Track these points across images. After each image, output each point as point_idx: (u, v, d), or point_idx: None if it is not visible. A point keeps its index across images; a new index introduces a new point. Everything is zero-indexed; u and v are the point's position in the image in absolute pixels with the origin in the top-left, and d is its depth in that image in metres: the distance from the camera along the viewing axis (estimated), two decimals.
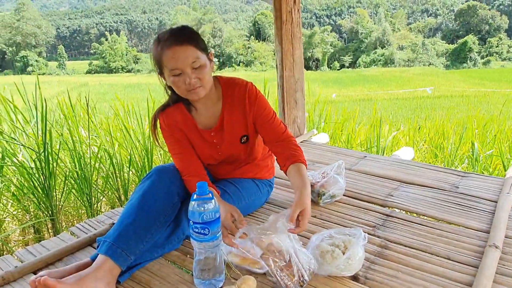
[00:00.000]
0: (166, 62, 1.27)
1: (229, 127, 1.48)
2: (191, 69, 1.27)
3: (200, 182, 1.06)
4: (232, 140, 1.50)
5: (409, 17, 69.48)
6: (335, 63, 45.92)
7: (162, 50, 1.27)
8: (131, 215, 1.24)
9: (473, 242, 1.41)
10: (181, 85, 1.29)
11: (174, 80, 1.30)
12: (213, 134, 1.49)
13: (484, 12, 50.37)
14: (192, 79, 1.28)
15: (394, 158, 2.42)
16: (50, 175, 2.34)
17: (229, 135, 1.49)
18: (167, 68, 1.29)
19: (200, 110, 1.47)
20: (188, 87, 1.29)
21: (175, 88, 1.33)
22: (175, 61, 1.26)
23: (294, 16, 2.63)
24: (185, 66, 1.26)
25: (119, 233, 1.20)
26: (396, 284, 1.18)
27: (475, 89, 21.00)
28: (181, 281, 1.22)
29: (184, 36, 1.28)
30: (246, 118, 1.48)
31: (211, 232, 1.07)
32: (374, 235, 1.47)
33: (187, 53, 1.26)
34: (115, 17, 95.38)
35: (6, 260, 1.38)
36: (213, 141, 1.50)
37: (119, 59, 49.37)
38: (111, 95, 17.51)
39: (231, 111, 1.47)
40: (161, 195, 1.31)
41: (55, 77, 38.49)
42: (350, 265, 1.20)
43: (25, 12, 56.68)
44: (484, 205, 1.71)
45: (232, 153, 1.53)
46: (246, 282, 1.13)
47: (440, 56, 44.92)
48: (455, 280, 1.20)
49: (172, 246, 1.38)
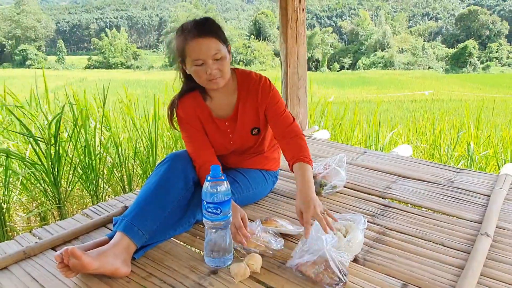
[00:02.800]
0: (189, 52, 1.34)
1: (242, 118, 1.55)
2: (213, 60, 1.35)
3: (213, 165, 1.14)
4: (244, 131, 1.57)
5: (410, 20, 69.64)
6: (335, 64, 45.99)
7: (186, 40, 1.34)
8: (148, 196, 1.33)
9: (466, 231, 1.50)
10: (203, 74, 1.36)
11: (196, 69, 1.37)
12: (227, 123, 1.56)
13: (484, 17, 50.55)
14: (213, 70, 1.35)
15: (392, 154, 2.51)
16: (59, 165, 2.41)
17: (241, 125, 1.56)
18: (190, 58, 1.35)
19: (215, 100, 1.55)
20: (209, 77, 1.36)
21: (196, 77, 1.40)
22: (198, 52, 1.33)
23: (299, 15, 2.71)
24: (207, 57, 1.33)
25: (136, 213, 1.28)
26: (393, 266, 1.27)
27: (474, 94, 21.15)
28: (192, 259, 1.30)
29: (207, 29, 1.35)
30: (258, 110, 1.55)
31: (223, 212, 1.15)
32: (373, 223, 1.56)
33: (209, 45, 1.33)
34: (115, 12, 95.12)
35: (25, 237, 1.46)
36: (227, 130, 1.57)
37: (118, 55, 49.29)
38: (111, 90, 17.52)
39: (245, 103, 1.54)
40: (177, 179, 1.40)
41: (54, 71, 38.40)
42: (350, 247, 1.28)
43: (26, 6, 56.48)
44: (478, 199, 1.79)
45: (243, 143, 1.61)
46: (252, 259, 1.21)
47: (440, 60, 45.06)
48: (448, 263, 1.28)
49: (182, 229, 1.46)
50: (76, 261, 1.11)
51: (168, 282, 1.18)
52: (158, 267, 1.26)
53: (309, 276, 1.17)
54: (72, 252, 1.09)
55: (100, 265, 1.15)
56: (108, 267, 1.17)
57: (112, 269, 1.17)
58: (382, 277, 1.21)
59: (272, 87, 1.55)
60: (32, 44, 52.91)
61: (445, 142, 3.84)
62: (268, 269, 1.24)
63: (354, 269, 1.25)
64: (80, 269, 1.13)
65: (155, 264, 1.28)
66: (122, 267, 1.20)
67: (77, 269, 1.14)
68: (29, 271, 1.26)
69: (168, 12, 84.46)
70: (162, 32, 61.68)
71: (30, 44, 51.64)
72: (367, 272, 1.24)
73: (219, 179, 1.15)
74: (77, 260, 1.10)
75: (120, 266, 1.19)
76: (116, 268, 1.18)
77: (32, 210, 2.53)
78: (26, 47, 48.49)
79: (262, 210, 1.69)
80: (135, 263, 1.28)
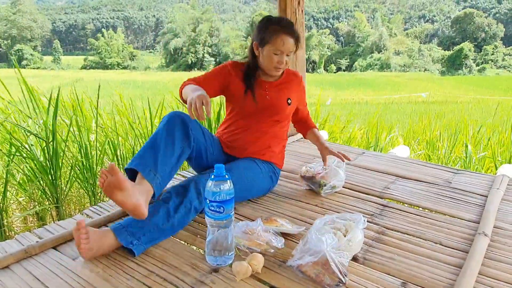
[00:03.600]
0: (276, 41, 1.67)
1: (283, 86, 1.85)
2: (286, 55, 1.71)
3: (217, 164, 1.16)
4: (281, 95, 1.83)
5: (406, 22, 69.98)
6: (331, 66, 46.14)
7: (278, 32, 1.67)
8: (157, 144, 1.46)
9: (464, 230, 1.52)
10: (275, 61, 1.71)
11: (272, 56, 1.70)
12: (268, 86, 1.82)
13: (480, 20, 50.91)
14: (284, 61, 1.71)
15: (391, 155, 2.53)
16: (57, 163, 2.41)
17: (280, 91, 1.84)
18: (273, 46, 1.68)
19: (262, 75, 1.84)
20: (277, 65, 1.71)
21: (268, 60, 1.72)
22: (283, 46, 1.67)
23: (298, 16, 2.73)
24: (286, 51, 1.69)
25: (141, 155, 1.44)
26: (392, 265, 1.28)
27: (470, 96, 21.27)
28: (193, 257, 1.31)
29: (295, 31, 1.71)
30: (296, 91, 1.90)
31: (226, 211, 1.16)
32: (372, 223, 1.57)
33: (292, 44, 1.69)
34: (112, 13, 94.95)
35: (26, 236, 1.46)
36: (266, 91, 1.81)
37: (115, 55, 49.18)
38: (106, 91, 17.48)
39: (287, 80, 1.88)
40: (178, 125, 1.53)
41: (50, 72, 38.26)
42: (350, 246, 1.29)
43: (22, 6, 56.23)
44: (475, 199, 1.81)
45: (277, 104, 1.81)
46: (255, 258, 1.22)
47: (436, 62, 45.32)
48: (446, 262, 1.30)
49: (181, 218, 1.44)
50: (113, 178, 1.21)
51: (169, 280, 1.19)
52: (159, 265, 1.27)
53: (310, 276, 1.18)
54: (111, 167, 1.21)
55: (130, 191, 1.25)
56: (134, 200, 1.26)
57: (136, 203, 1.26)
58: (382, 275, 1.23)
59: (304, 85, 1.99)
60: (28, 44, 52.68)
61: (442, 144, 3.87)
62: (269, 268, 1.25)
63: (354, 268, 1.26)
64: (113, 187, 1.22)
65: (156, 261, 1.29)
66: (144, 206, 1.29)
67: (110, 188, 1.22)
68: (30, 270, 1.26)
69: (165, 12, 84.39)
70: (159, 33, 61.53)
71: (26, 44, 51.40)
72: (366, 271, 1.25)
73: (223, 178, 1.16)
74: (114, 177, 1.21)
75: (142, 204, 1.28)
76: (140, 204, 1.27)
77: (29, 209, 2.52)
78: (22, 47, 48.26)
79: (262, 209, 1.70)
80: (135, 261, 1.29)
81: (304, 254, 1.21)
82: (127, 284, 1.18)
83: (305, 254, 1.21)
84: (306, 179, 1.89)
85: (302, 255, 1.21)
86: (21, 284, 1.19)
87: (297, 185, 1.97)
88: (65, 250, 1.38)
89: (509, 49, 47.56)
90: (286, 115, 1.86)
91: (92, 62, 48.29)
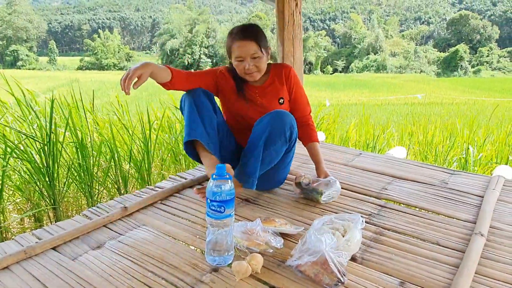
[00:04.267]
0: (234, 50, 1.70)
1: (272, 87, 1.85)
2: (251, 58, 1.69)
3: (218, 165, 1.17)
4: (272, 96, 1.84)
5: (402, 24, 70.28)
6: (328, 67, 46.25)
7: (232, 41, 1.70)
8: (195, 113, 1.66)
9: (460, 230, 1.54)
10: (241, 68, 1.72)
11: (237, 64, 1.72)
12: (258, 90, 1.84)
13: (475, 22, 51.22)
14: (251, 66, 1.70)
15: (388, 156, 2.55)
16: (54, 165, 2.41)
17: (270, 92, 1.84)
18: (234, 55, 1.71)
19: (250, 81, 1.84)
20: (246, 71, 1.71)
21: (237, 70, 1.74)
22: (239, 51, 1.68)
23: (295, 18, 2.74)
24: (246, 55, 1.68)
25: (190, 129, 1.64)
26: (390, 265, 1.29)
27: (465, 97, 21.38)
28: (193, 257, 1.32)
29: (249, 33, 1.68)
30: (286, 86, 1.87)
31: (226, 210, 1.17)
32: (369, 223, 1.59)
33: (249, 46, 1.67)
34: (108, 14, 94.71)
35: (25, 237, 1.46)
36: (256, 94, 1.84)
37: (111, 56, 49.06)
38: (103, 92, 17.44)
39: (276, 79, 1.86)
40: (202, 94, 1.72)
41: (45, 72, 38.09)
42: (348, 246, 1.30)
43: (17, 6, 56.00)
44: (471, 199, 1.83)
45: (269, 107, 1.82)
46: (254, 258, 1.23)
47: (432, 63, 45.54)
48: (444, 262, 1.32)
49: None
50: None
51: (169, 280, 1.20)
52: (159, 265, 1.28)
53: (309, 276, 1.19)
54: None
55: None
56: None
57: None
58: (380, 275, 1.24)
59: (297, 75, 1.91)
60: (23, 44, 52.45)
61: (438, 145, 3.89)
62: (268, 267, 1.26)
63: (353, 268, 1.27)
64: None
65: (156, 261, 1.30)
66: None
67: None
68: (30, 270, 1.26)
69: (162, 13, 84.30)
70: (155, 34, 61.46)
71: (21, 45, 51.16)
72: (365, 271, 1.26)
73: (224, 178, 1.17)
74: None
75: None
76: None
77: (26, 211, 2.52)
78: (17, 48, 48.03)
79: (261, 210, 1.71)
80: (135, 261, 1.30)
81: (303, 254, 1.22)
82: (127, 284, 1.18)
83: (304, 254, 1.22)
84: (302, 186, 1.80)
85: (301, 255, 1.22)
86: (21, 285, 1.19)
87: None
88: (65, 251, 1.38)
89: (504, 51, 47.87)
90: None
91: (88, 63, 48.14)
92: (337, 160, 2.43)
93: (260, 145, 1.65)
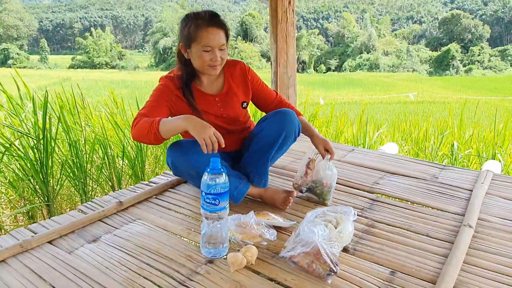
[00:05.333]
0: (201, 37, 1.49)
1: (232, 93, 1.71)
2: (218, 49, 1.52)
3: (213, 158, 1.19)
4: (235, 104, 1.72)
5: (394, 23, 70.69)
6: (321, 66, 46.35)
7: (200, 27, 1.49)
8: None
9: (449, 222, 1.57)
10: (207, 59, 1.52)
11: (202, 54, 1.52)
12: (218, 99, 1.69)
13: (467, 21, 51.64)
14: (218, 57, 1.53)
15: (380, 152, 2.58)
16: (47, 162, 2.41)
17: (231, 100, 1.71)
18: (200, 43, 1.50)
19: (205, 82, 1.69)
20: (211, 62, 1.53)
21: (200, 60, 1.54)
22: (211, 39, 1.49)
23: (288, 15, 2.77)
24: (216, 45, 1.51)
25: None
26: (381, 255, 1.33)
27: (457, 96, 21.60)
28: (188, 250, 1.34)
29: (221, 22, 1.53)
30: (247, 86, 1.76)
31: (221, 203, 1.20)
32: (361, 216, 1.62)
33: (220, 35, 1.51)
34: (100, 12, 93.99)
35: (21, 232, 1.47)
36: (217, 105, 1.69)
37: (103, 55, 48.71)
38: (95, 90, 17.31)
39: (232, 82, 1.72)
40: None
41: (37, 71, 37.74)
42: (341, 238, 1.33)
43: (8, 4, 55.40)
44: (461, 193, 1.87)
45: (235, 116, 1.74)
46: (249, 250, 1.25)
47: (424, 62, 45.84)
48: (433, 252, 1.35)
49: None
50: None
51: (165, 271, 1.22)
52: (155, 257, 1.30)
53: (302, 266, 1.22)
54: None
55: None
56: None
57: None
58: (371, 265, 1.27)
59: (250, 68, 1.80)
60: (14, 43, 51.90)
61: (429, 142, 3.95)
62: (262, 259, 1.29)
63: (345, 258, 1.30)
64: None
65: (152, 254, 1.32)
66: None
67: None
68: (27, 263, 1.27)
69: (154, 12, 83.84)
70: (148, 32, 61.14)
71: (12, 43, 50.60)
72: (357, 261, 1.29)
73: (218, 171, 1.19)
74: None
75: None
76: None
77: (20, 208, 2.51)
78: (8, 46, 47.49)
79: (255, 206, 1.73)
80: (132, 254, 1.32)
81: (297, 245, 1.25)
82: (124, 276, 1.20)
83: (297, 245, 1.25)
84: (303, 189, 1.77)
85: (295, 245, 1.25)
86: (18, 277, 1.20)
87: (289, 180, 2.00)
88: (61, 244, 1.39)
89: (494, 50, 48.36)
90: (245, 117, 1.82)
91: (80, 62, 47.74)
92: None
93: (274, 147, 1.65)
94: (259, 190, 1.70)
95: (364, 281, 1.18)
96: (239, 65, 1.75)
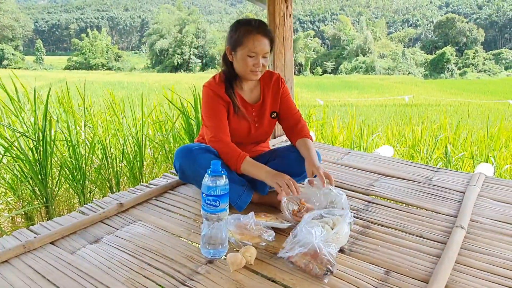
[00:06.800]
0: (248, 43, 1.58)
1: (266, 105, 1.80)
2: (262, 57, 1.62)
3: (214, 161, 1.22)
4: (266, 117, 1.81)
5: (390, 26, 71.16)
6: (317, 68, 46.53)
7: (250, 33, 1.58)
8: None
9: (442, 224, 1.62)
10: (250, 64, 1.61)
11: (247, 59, 1.61)
12: (253, 109, 1.78)
13: (462, 25, 52.07)
14: (260, 64, 1.62)
15: (375, 155, 2.63)
16: (46, 163, 2.43)
17: (264, 114, 1.80)
18: (246, 48, 1.59)
19: (244, 88, 1.78)
20: (253, 68, 1.62)
21: (243, 64, 1.62)
22: (256, 46, 1.58)
23: (286, 20, 2.81)
24: (260, 52, 1.60)
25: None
26: (376, 256, 1.37)
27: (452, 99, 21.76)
28: (188, 250, 1.37)
29: (268, 31, 1.63)
30: (277, 98, 1.83)
31: (221, 205, 1.23)
32: (357, 217, 1.66)
33: (266, 44, 1.61)
34: (96, 13, 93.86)
35: (23, 232, 1.50)
36: (253, 114, 1.79)
37: (99, 56, 48.60)
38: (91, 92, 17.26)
39: (266, 93, 1.81)
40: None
41: (32, 72, 37.52)
42: (337, 238, 1.37)
43: (3, 4, 55.18)
44: (454, 195, 1.92)
45: (263, 129, 1.83)
46: (248, 250, 1.29)
47: (419, 65, 46.14)
48: (426, 253, 1.39)
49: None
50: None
51: (166, 271, 1.25)
52: (156, 257, 1.33)
53: (300, 266, 1.26)
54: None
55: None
56: None
57: None
58: (366, 265, 1.31)
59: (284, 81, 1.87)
60: (9, 44, 51.64)
61: (424, 145, 4.00)
62: (261, 259, 1.32)
63: (341, 259, 1.34)
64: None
65: (152, 254, 1.35)
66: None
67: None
68: (30, 264, 1.30)
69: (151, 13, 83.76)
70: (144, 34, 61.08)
71: (7, 44, 50.35)
72: (352, 261, 1.33)
73: (219, 174, 1.22)
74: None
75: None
76: None
77: (18, 209, 2.53)
78: (3, 47, 47.24)
79: (253, 207, 1.76)
80: (133, 254, 1.34)
81: (294, 245, 1.29)
82: (125, 276, 1.23)
83: (295, 245, 1.28)
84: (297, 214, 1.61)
85: (292, 246, 1.29)
86: (22, 277, 1.23)
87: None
88: (63, 245, 1.42)
89: (489, 54, 48.75)
90: (271, 129, 1.89)
91: (76, 63, 47.57)
92: (327, 158, 2.50)
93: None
94: (259, 195, 1.75)
95: (360, 281, 1.22)
96: (275, 77, 1.83)
